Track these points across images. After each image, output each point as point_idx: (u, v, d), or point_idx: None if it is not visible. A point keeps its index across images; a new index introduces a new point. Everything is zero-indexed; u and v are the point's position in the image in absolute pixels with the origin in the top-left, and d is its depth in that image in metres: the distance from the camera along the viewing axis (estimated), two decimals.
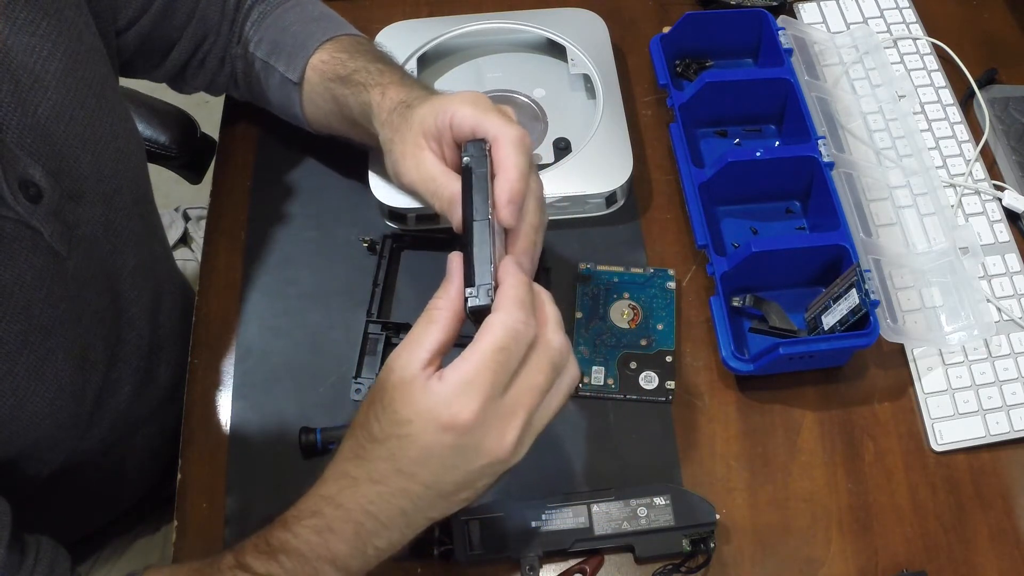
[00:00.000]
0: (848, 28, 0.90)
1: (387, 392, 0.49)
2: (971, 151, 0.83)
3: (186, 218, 1.08)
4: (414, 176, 0.60)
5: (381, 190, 0.75)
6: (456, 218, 0.55)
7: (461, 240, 0.54)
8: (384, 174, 0.75)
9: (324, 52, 0.71)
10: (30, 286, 0.56)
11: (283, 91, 0.73)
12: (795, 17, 0.90)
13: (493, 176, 0.55)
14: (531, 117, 0.83)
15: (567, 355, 0.52)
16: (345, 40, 0.72)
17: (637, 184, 0.80)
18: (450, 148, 0.59)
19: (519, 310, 0.49)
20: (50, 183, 0.57)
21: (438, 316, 0.50)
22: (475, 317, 0.50)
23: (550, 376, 0.50)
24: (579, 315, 0.73)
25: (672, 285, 0.75)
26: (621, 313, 0.73)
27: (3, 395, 0.56)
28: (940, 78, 0.87)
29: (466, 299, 0.50)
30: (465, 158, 0.54)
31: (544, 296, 0.52)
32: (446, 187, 0.57)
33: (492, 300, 0.50)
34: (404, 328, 0.72)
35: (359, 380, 0.70)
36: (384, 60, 0.71)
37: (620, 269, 0.75)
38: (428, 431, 0.48)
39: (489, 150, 0.55)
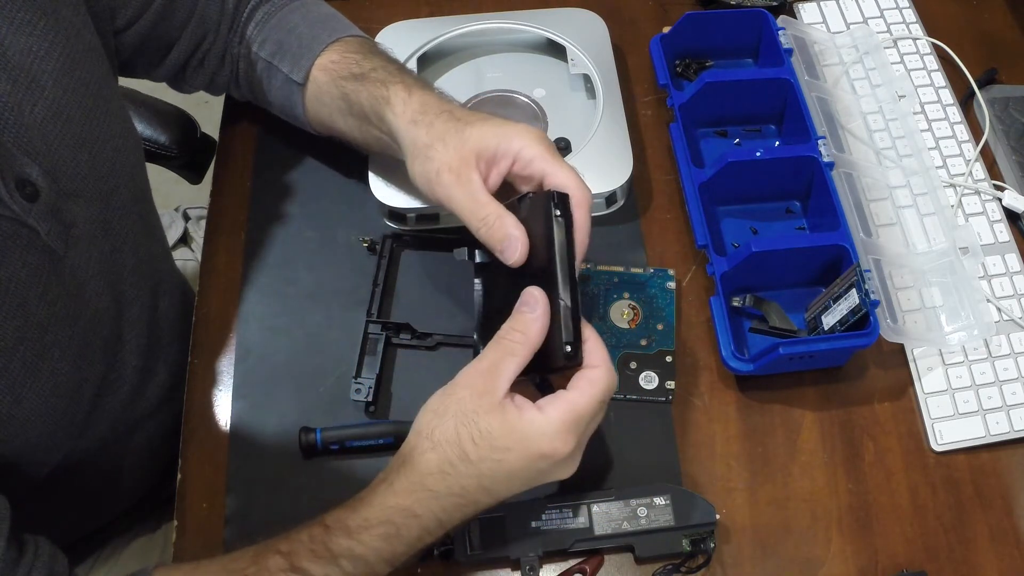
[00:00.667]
0: (848, 28, 0.90)
1: (480, 417, 0.54)
2: (971, 151, 0.83)
3: (186, 218, 1.08)
4: (455, 192, 0.60)
5: (381, 190, 0.75)
6: (515, 255, 0.59)
7: (517, 273, 0.59)
8: (384, 175, 0.75)
9: (333, 53, 0.71)
10: (25, 284, 0.56)
11: (285, 92, 0.73)
12: (795, 17, 0.90)
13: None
14: (531, 117, 0.83)
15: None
16: (353, 41, 0.72)
17: (637, 184, 0.80)
18: (499, 175, 0.61)
19: (612, 371, 0.56)
20: (47, 182, 0.57)
21: (517, 349, 0.55)
22: (562, 364, 0.56)
23: (603, 409, 0.58)
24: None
25: (672, 285, 0.75)
26: (621, 313, 0.73)
27: None
28: (940, 78, 0.87)
29: (568, 349, 0.55)
30: (558, 212, 0.57)
31: None
32: (502, 221, 0.59)
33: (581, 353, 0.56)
34: (404, 328, 0.72)
35: (359, 380, 0.70)
36: (398, 62, 0.71)
37: (620, 269, 0.75)
38: (525, 458, 0.54)
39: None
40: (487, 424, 0.54)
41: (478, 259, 0.65)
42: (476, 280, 0.65)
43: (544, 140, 0.61)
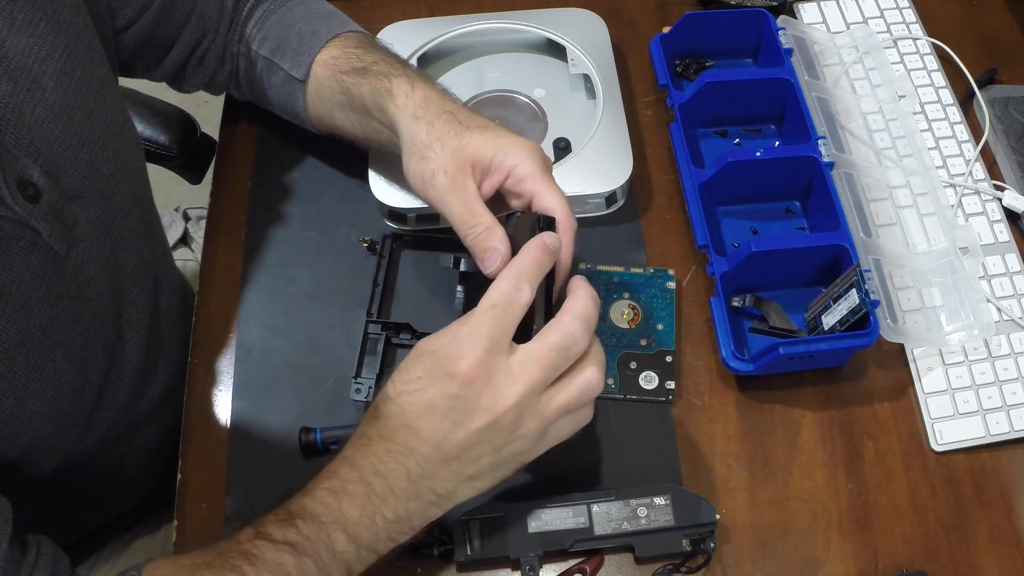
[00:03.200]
0: (848, 28, 0.90)
1: (407, 361, 0.54)
2: (971, 151, 0.83)
3: (186, 218, 1.08)
4: (448, 197, 0.61)
5: (381, 190, 0.75)
6: (492, 267, 0.58)
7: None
8: (384, 175, 0.75)
9: (334, 48, 0.71)
10: (28, 285, 0.56)
11: (286, 89, 0.73)
12: (795, 17, 0.90)
13: None
14: (531, 117, 0.83)
15: (596, 392, 0.56)
16: (353, 37, 0.73)
17: (637, 184, 0.80)
18: (492, 187, 0.62)
19: (580, 323, 0.54)
20: (48, 183, 0.57)
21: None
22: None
23: (575, 395, 0.55)
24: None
25: (672, 285, 0.75)
26: (621, 313, 0.73)
27: (2, 393, 0.56)
28: (940, 78, 0.87)
29: None
30: (550, 239, 0.58)
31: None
32: (490, 232, 0.59)
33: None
34: (404, 328, 0.72)
35: (359, 380, 0.70)
36: (399, 56, 0.71)
37: (620, 269, 0.75)
38: (434, 382, 0.52)
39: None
40: (405, 362, 0.54)
41: (463, 267, 0.65)
42: (459, 288, 0.65)
43: (540, 158, 0.61)
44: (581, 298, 0.55)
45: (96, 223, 0.62)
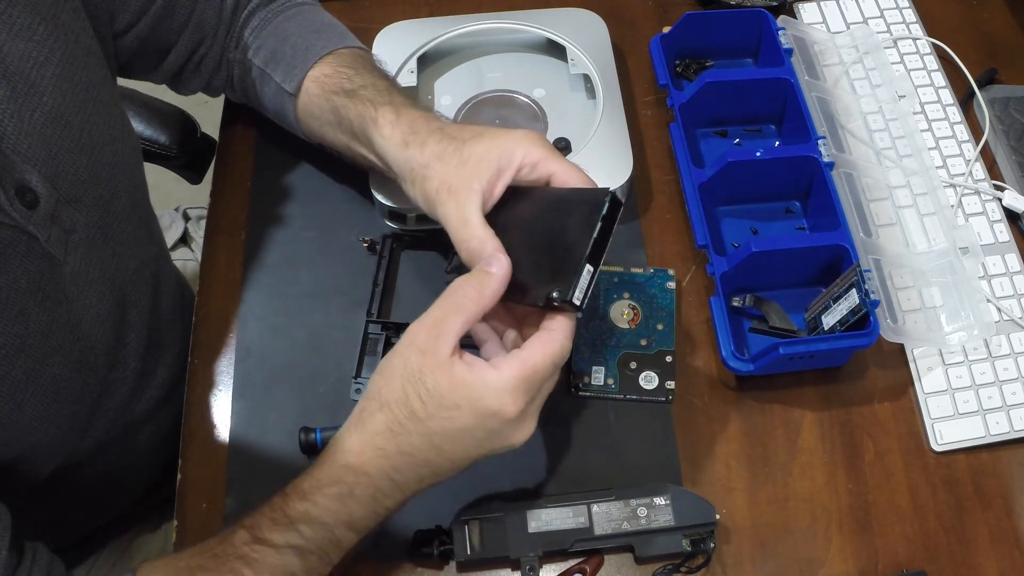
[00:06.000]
0: (848, 28, 0.90)
1: (427, 374, 0.53)
2: (971, 151, 0.83)
3: (186, 218, 1.08)
4: (448, 211, 0.60)
5: (381, 190, 0.75)
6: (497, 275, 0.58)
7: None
8: (384, 175, 0.75)
9: (326, 66, 0.71)
10: (26, 291, 0.56)
11: (278, 100, 0.73)
12: (795, 17, 0.90)
13: None
14: (531, 117, 0.83)
15: None
16: (347, 55, 0.72)
17: (637, 184, 0.80)
18: (504, 184, 0.61)
19: (570, 338, 0.56)
20: (47, 188, 0.57)
21: (468, 307, 0.54)
22: (559, 305, 0.55)
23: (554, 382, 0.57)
24: (579, 315, 0.73)
25: (672, 285, 0.75)
26: (621, 313, 0.73)
27: (1, 398, 0.56)
28: (940, 78, 0.87)
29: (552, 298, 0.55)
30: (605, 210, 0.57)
31: None
32: (483, 246, 0.58)
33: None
34: (404, 328, 0.71)
35: (359, 380, 0.70)
36: (388, 78, 0.71)
37: (620, 269, 0.75)
38: (474, 414, 0.53)
39: None
40: (434, 381, 0.53)
41: (453, 263, 0.65)
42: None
43: (541, 141, 0.61)
44: (570, 316, 0.56)
45: (94, 228, 0.62)
